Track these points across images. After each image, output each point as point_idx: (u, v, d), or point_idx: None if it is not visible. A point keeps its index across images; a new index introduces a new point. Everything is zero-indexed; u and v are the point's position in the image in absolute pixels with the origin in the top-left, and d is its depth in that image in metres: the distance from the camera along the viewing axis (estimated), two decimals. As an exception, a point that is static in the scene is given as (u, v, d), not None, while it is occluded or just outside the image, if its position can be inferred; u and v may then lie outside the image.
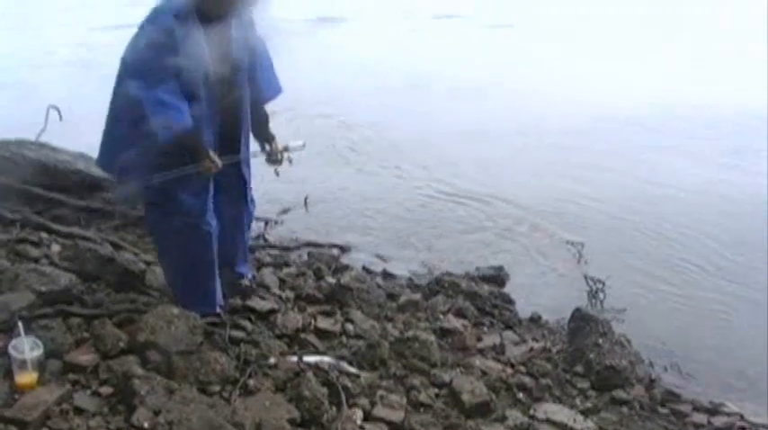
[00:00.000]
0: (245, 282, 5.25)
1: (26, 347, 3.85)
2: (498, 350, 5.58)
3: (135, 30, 4.27)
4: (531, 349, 5.66)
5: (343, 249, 7.58)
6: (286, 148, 4.90)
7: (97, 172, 7.53)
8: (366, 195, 9.27)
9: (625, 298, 6.86)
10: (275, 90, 4.83)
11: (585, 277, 7.08)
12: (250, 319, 4.98)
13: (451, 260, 7.59)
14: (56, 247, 5.82)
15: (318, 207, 8.85)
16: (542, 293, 7.04)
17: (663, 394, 5.25)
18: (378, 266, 7.24)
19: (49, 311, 4.47)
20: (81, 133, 7.09)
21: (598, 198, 9.26)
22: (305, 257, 7.17)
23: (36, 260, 5.45)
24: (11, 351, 3.85)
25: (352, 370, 4.48)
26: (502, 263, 7.48)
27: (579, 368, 5.37)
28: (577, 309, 5.84)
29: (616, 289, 6.95)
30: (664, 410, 5.06)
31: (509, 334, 5.96)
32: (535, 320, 6.38)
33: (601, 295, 6.86)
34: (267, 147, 4.85)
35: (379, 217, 8.67)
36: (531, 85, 15.11)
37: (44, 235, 6.06)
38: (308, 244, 7.62)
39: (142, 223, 7.17)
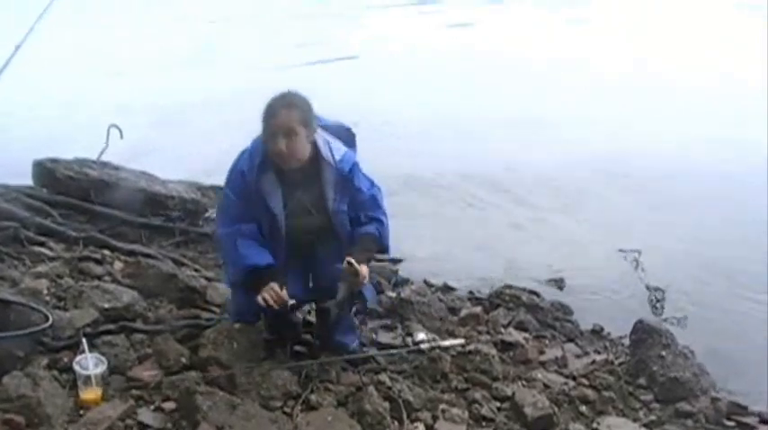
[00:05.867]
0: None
1: (90, 363, 3.91)
2: (560, 363, 5.52)
3: None
4: (594, 361, 5.59)
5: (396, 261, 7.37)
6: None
7: (159, 189, 7.66)
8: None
9: (684, 306, 6.81)
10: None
11: (647, 287, 7.04)
12: (311, 334, 4.95)
13: (510, 272, 7.52)
14: (118, 265, 5.90)
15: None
16: (602, 304, 6.98)
17: (728, 406, 5.10)
18: (438, 279, 7.19)
19: (113, 328, 4.52)
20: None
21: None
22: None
23: (99, 277, 5.53)
24: (76, 367, 3.91)
25: None
26: (560, 275, 7.45)
27: (642, 380, 5.30)
28: (640, 321, 5.72)
29: (675, 296, 6.93)
30: (730, 423, 4.94)
31: (571, 346, 5.91)
32: (597, 332, 6.32)
33: (659, 305, 6.83)
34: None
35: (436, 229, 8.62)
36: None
37: (107, 252, 6.14)
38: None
39: (203, 240, 7.25)
